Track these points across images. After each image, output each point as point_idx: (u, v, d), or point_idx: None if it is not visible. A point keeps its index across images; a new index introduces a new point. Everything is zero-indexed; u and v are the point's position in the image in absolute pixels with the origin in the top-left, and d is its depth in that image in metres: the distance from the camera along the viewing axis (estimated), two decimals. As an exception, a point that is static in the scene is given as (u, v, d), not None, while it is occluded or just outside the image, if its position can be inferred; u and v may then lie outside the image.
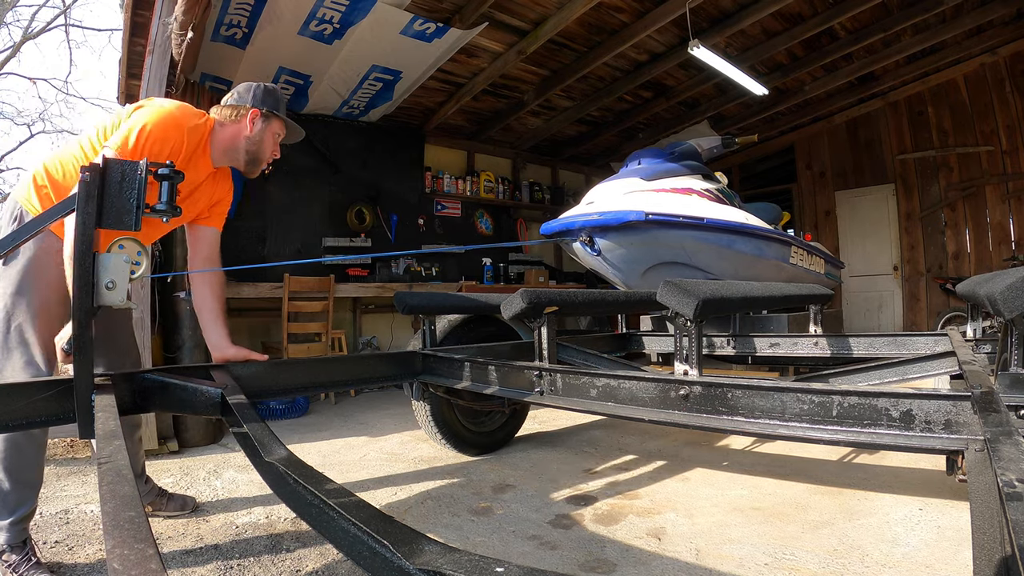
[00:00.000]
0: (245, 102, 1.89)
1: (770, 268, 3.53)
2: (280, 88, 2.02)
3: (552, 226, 3.47)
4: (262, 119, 1.90)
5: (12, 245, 1.27)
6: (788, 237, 3.75)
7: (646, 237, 3.11)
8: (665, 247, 3.18)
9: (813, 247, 4.22)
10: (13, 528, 1.62)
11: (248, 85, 1.93)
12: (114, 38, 14.35)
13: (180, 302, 3.13)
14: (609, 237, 3.19)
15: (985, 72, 6.45)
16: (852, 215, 7.58)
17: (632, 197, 3.24)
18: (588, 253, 3.35)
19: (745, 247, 3.31)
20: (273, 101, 1.92)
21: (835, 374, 1.95)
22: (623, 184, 3.43)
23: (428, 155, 6.62)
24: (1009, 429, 0.93)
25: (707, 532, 1.85)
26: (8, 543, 1.61)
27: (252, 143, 1.91)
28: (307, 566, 1.65)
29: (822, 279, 4.25)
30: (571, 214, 3.38)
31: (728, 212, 3.33)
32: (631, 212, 3.02)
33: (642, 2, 4.61)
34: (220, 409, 1.39)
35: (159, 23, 3.18)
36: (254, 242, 5.23)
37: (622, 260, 3.31)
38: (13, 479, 1.61)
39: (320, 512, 0.89)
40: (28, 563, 1.60)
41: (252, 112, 1.88)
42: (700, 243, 3.17)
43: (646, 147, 4.06)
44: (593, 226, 3.17)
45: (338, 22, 4.06)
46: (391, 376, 2.28)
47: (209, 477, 2.54)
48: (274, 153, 1.99)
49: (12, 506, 1.62)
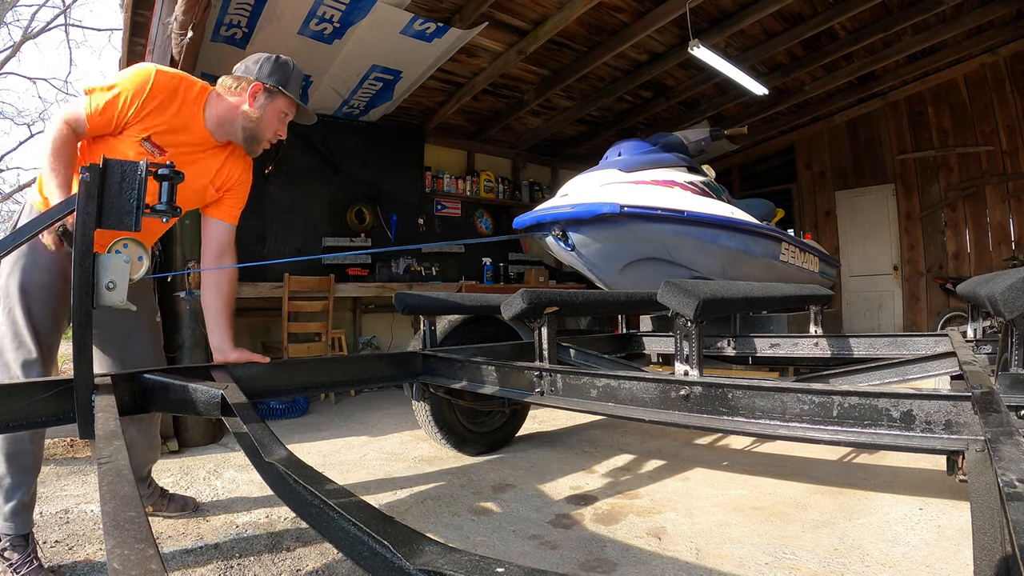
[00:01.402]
0: (251, 74, 1.77)
1: (759, 266, 3.38)
2: (292, 60, 1.85)
3: (524, 219, 3.29)
4: (265, 94, 1.77)
5: (13, 244, 1.26)
6: (779, 233, 3.59)
7: (621, 231, 2.93)
8: (643, 242, 3.01)
9: (807, 245, 4.06)
10: (14, 517, 1.61)
11: (259, 56, 1.80)
12: (114, 38, 14.38)
13: (180, 302, 3.13)
14: (583, 231, 3.02)
15: (985, 72, 6.44)
16: (852, 215, 7.58)
17: (608, 189, 3.07)
18: (562, 248, 3.19)
19: (730, 243, 3.14)
20: (281, 76, 1.78)
21: (835, 374, 1.95)
22: (600, 176, 3.26)
23: (428, 155, 6.62)
24: (1010, 429, 0.93)
25: (707, 531, 1.85)
26: (10, 537, 1.60)
27: (249, 119, 1.78)
28: (307, 566, 1.65)
29: (816, 278, 4.11)
30: (544, 207, 3.22)
31: (713, 206, 3.14)
32: (604, 204, 2.85)
33: (642, 2, 4.61)
34: (220, 409, 1.39)
35: (159, 23, 3.18)
36: (254, 242, 5.23)
37: (597, 255, 3.15)
38: (10, 464, 1.61)
39: (320, 512, 0.89)
40: (30, 565, 1.59)
41: (255, 86, 1.76)
42: (681, 238, 2.99)
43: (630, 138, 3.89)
44: (565, 219, 3.00)
45: (338, 21, 4.06)
46: (391, 376, 2.28)
47: (209, 477, 2.54)
48: (278, 133, 1.86)
49: (9, 490, 1.61)
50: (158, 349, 2.00)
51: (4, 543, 1.60)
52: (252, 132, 1.81)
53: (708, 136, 3.99)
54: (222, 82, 1.80)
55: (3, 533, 1.60)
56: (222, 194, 1.92)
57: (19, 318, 1.63)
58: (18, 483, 1.62)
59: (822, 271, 4.31)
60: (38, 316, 1.65)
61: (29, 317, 1.63)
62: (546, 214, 3.11)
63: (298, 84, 1.86)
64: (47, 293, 1.66)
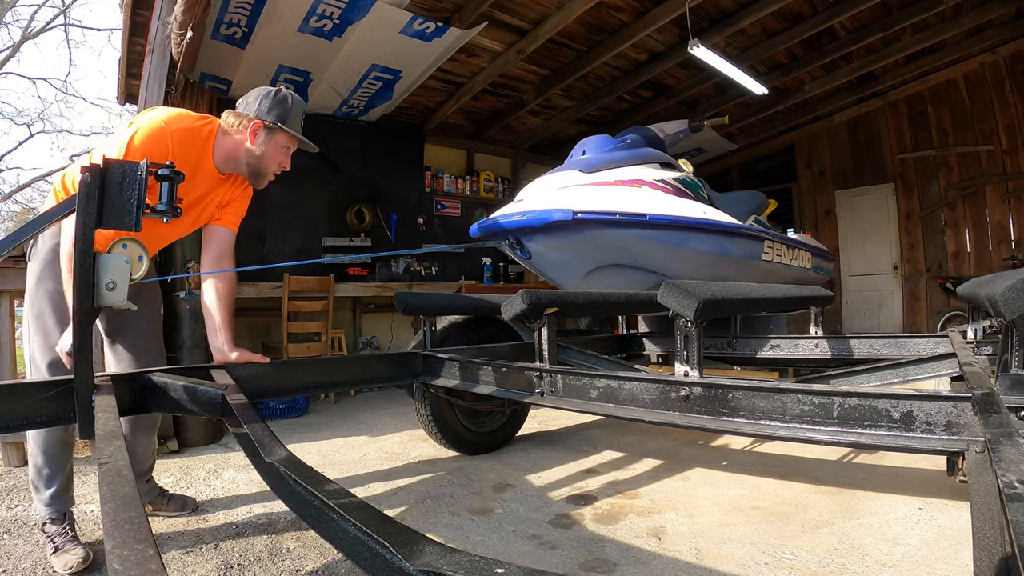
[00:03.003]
0: (251, 110, 1.80)
1: (737, 267, 3.13)
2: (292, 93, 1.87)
3: (479, 226, 3.04)
4: (265, 132, 1.80)
5: (13, 244, 1.26)
6: (760, 231, 3.33)
7: (577, 239, 2.71)
8: (603, 249, 2.78)
9: (796, 241, 3.79)
10: (54, 501, 1.76)
11: (260, 93, 1.83)
12: (114, 38, 14.37)
13: (180, 301, 3.13)
14: (537, 240, 2.78)
15: (985, 72, 6.44)
16: (852, 215, 7.58)
17: (564, 193, 2.80)
18: (520, 257, 2.98)
19: (702, 245, 2.90)
20: (281, 112, 1.81)
21: (835, 375, 1.95)
22: (559, 178, 2.97)
23: (428, 154, 6.61)
24: (1010, 430, 0.93)
25: (707, 531, 1.85)
26: (50, 516, 1.74)
27: (253, 156, 1.82)
28: (307, 566, 1.66)
29: (809, 274, 3.90)
30: (497, 213, 2.98)
31: (682, 206, 2.89)
32: (556, 211, 2.63)
33: (642, 1, 4.61)
34: (220, 410, 1.39)
35: (158, 23, 3.18)
36: (254, 241, 5.23)
37: (555, 264, 2.92)
38: (46, 455, 1.75)
39: (320, 513, 0.89)
40: (65, 536, 1.71)
41: (255, 124, 1.79)
42: (645, 243, 2.77)
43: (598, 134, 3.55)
44: (516, 227, 2.77)
45: (338, 18, 4.06)
46: (391, 377, 2.27)
47: (209, 477, 2.54)
48: (282, 165, 1.89)
49: (48, 479, 1.76)
50: (158, 340, 2.05)
51: (44, 518, 1.74)
52: (255, 168, 1.85)
53: (687, 128, 3.76)
54: (225, 119, 1.83)
55: (48, 516, 1.74)
56: (223, 211, 1.98)
57: (48, 323, 1.72)
58: (55, 471, 1.76)
59: (815, 267, 4.08)
60: (65, 321, 1.71)
61: (58, 322, 1.71)
62: (498, 222, 2.87)
63: (299, 117, 1.86)
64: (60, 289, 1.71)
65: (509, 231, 2.81)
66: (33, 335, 1.73)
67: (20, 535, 1.89)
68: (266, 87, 1.85)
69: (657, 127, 3.55)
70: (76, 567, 1.62)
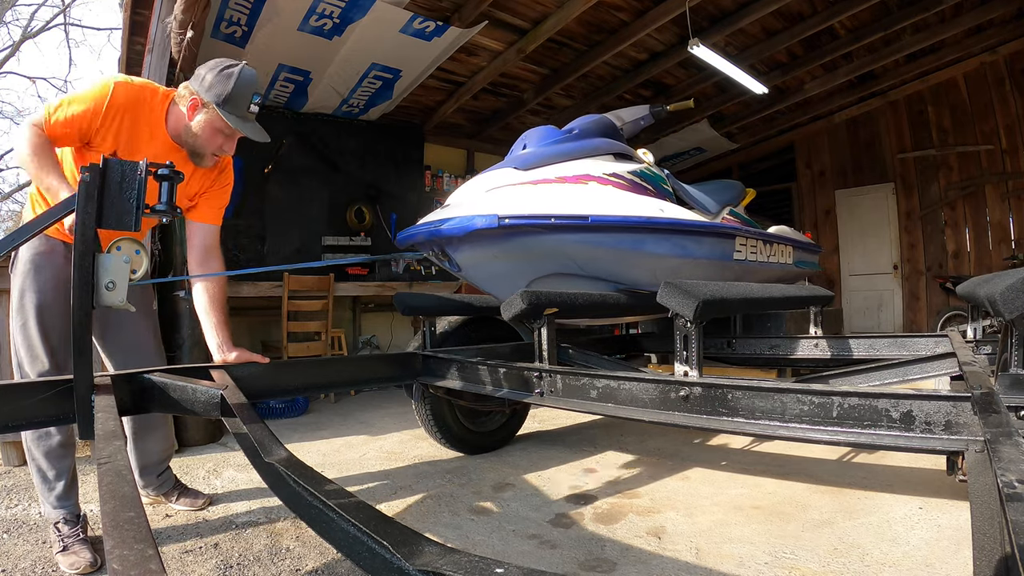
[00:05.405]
0: (193, 84, 1.69)
1: (705, 269, 2.76)
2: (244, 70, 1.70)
3: (401, 236, 2.63)
4: (203, 109, 1.68)
5: (11, 246, 1.26)
6: (730, 228, 2.93)
7: (507, 247, 2.30)
8: (540, 257, 2.39)
9: (773, 235, 3.39)
10: (63, 501, 1.77)
11: (212, 65, 1.70)
12: (113, 37, 14.35)
13: (179, 301, 3.13)
14: (463, 251, 2.37)
15: (985, 71, 6.44)
16: (852, 214, 7.59)
17: (494, 195, 2.41)
18: (450, 268, 2.56)
19: (661, 248, 2.49)
20: (221, 91, 1.65)
21: (835, 375, 1.95)
22: (491, 177, 2.55)
23: (428, 154, 6.61)
24: (1009, 430, 0.93)
25: (707, 531, 1.85)
26: (64, 516, 1.75)
27: (190, 133, 1.72)
28: (307, 566, 1.66)
29: (791, 269, 3.55)
30: (421, 221, 2.56)
31: (635, 204, 2.50)
32: (478, 218, 2.20)
33: (642, 1, 4.61)
34: (220, 410, 1.39)
35: (158, 22, 3.18)
36: (253, 241, 5.23)
37: (490, 277, 2.53)
38: (47, 457, 1.76)
39: (320, 513, 0.89)
40: (76, 537, 1.71)
41: (194, 99, 1.68)
42: (590, 248, 2.37)
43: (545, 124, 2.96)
44: (437, 237, 2.34)
45: (338, 17, 4.06)
46: (391, 377, 2.28)
47: (209, 476, 2.54)
48: (222, 148, 1.76)
49: (53, 480, 1.77)
50: (157, 338, 2.07)
51: (57, 517, 1.76)
52: (192, 146, 1.75)
53: (647, 114, 3.27)
54: (179, 90, 1.73)
55: (62, 516, 1.75)
56: (196, 200, 1.92)
57: (34, 334, 1.71)
58: (59, 472, 1.78)
59: (797, 261, 3.69)
60: (52, 332, 1.73)
61: (44, 334, 1.72)
62: (418, 230, 2.46)
63: (245, 97, 1.69)
64: (62, 310, 1.70)
65: (430, 242, 2.40)
66: (21, 347, 1.73)
67: (20, 535, 1.89)
68: (224, 59, 1.72)
69: (613, 114, 3.01)
70: (83, 569, 1.62)
